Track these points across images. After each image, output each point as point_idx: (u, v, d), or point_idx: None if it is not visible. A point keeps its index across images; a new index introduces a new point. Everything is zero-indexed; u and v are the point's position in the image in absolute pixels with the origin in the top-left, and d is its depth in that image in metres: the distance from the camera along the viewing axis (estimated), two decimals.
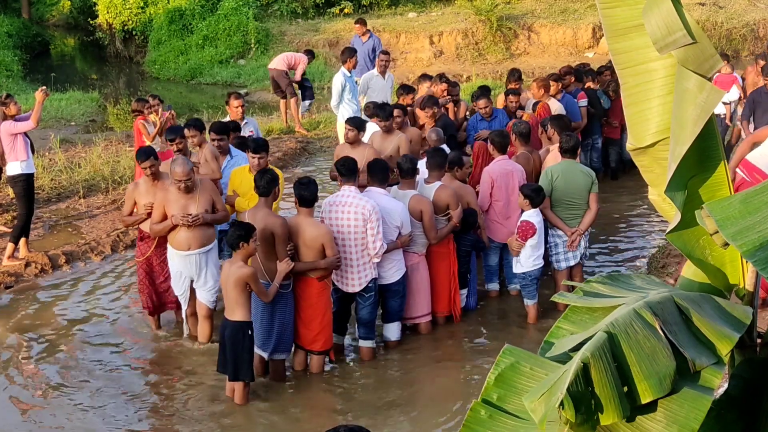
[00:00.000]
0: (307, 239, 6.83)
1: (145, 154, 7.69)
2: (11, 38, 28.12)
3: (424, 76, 11.70)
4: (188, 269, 7.52)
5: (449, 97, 10.85)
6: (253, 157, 7.73)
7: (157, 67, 25.21)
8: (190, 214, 7.31)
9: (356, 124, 8.77)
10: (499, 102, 11.23)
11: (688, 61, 2.92)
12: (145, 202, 7.65)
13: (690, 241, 3.15)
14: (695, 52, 2.91)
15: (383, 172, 7.50)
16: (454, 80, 12.44)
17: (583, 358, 2.55)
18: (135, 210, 7.82)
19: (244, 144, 8.60)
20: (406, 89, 10.81)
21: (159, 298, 7.97)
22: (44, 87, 9.74)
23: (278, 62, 15.72)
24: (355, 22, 16.18)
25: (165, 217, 7.40)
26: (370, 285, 7.20)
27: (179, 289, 7.68)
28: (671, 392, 2.63)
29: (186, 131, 8.44)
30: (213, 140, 8.64)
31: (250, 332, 6.55)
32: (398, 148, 8.86)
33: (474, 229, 8.03)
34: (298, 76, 15.52)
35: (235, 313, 6.50)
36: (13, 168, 9.54)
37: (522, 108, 10.80)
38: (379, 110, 9.39)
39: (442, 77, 11.15)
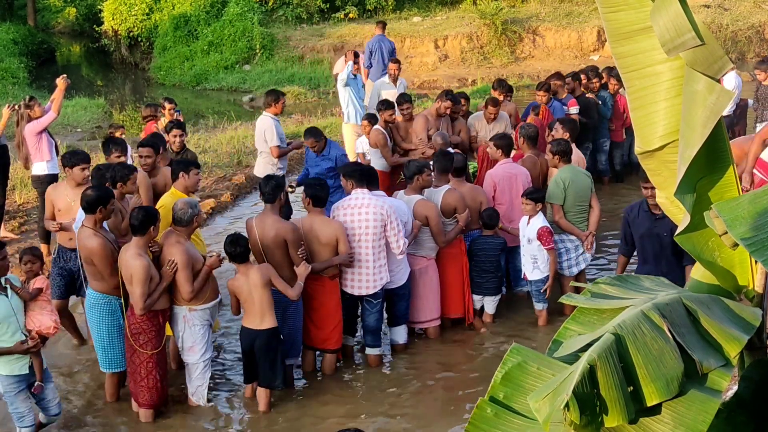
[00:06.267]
0: (322, 237, 6.86)
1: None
2: (17, 45, 28.23)
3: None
4: (215, 315, 6.89)
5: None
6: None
7: (162, 73, 25.28)
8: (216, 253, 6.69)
9: (151, 145, 8.20)
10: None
11: (697, 63, 2.91)
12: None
13: (699, 243, 3.15)
14: (704, 54, 2.91)
15: (376, 178, 7.51)
16: (461, 93, 11.79)
17: (589, 360, 2.55)
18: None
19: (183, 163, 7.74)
20: (386, 104, 10.25)
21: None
22: (65, 75, 9.86)
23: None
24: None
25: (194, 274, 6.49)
26: (378, 291, 7.20)
27: (211, 348, 6.79)
28: (678, 394, 2.63)
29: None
30: None
31: (281, 336, 6.56)
32: None
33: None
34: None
35: (265, 319, 6.45)
36: (39, 168, 9.66)
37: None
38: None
39: (447, 94, 10.55)
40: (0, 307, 5.72)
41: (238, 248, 6.49)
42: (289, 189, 8.98)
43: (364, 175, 7.28)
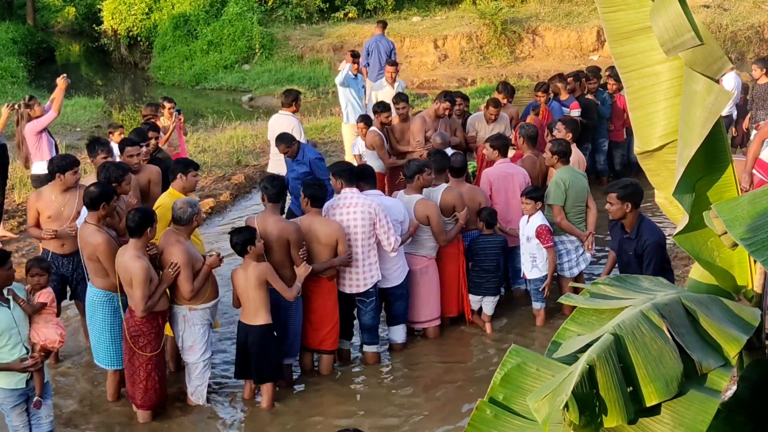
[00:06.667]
0: (321, 238, 6.86)
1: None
2: (16, 44, 28.21)
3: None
4: (215, 315, 6.87)
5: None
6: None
7: (162, 72, 25.27)
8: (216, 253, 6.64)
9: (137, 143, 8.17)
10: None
11: (696, 63, 2.92)
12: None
13: (698, 243, 3.15)
14: (703, 54, 2.91)
15: (373, 177, 7.52)
16: (457, 92, 11.51)
17: (588, 360, 2.55)
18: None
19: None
20: (381, 107, 10.23)
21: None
22: (65, 75, 9.86)
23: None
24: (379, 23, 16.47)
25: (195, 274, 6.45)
26: (371, 290, 7.20)
27: (211, 348, 6.78)
28: (678, 394, 2.63)
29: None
30: None
31: (275, 332, 6.56)
32: None
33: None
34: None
35: (259, 315, 6.46)
36: (39, 167, 9.63)
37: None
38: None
39: (446, 95, 10.47)
40: (1, 319, 5.50)
41: (237, 239, 6.45)
42: None
43: (354, 175, 7.28)
